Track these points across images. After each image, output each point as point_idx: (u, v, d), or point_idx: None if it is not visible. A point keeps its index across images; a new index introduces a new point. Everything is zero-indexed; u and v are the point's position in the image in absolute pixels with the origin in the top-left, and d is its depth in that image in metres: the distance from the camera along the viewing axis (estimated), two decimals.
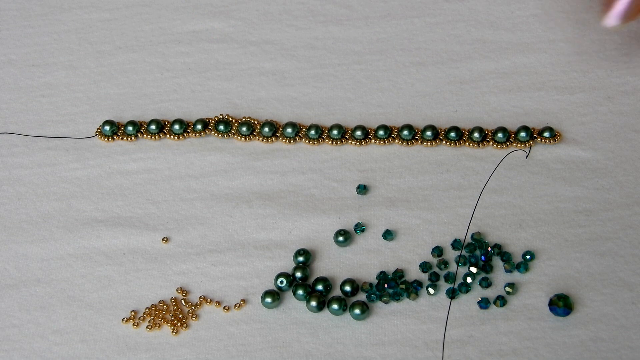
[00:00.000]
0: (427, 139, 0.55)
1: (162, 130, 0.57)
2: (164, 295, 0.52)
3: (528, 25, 0.60)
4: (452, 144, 0.55)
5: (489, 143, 0.55)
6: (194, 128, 0.56)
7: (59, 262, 0.53)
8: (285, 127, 0.56)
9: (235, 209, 0.54)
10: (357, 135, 0.56)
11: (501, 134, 0.55)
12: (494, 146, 0.55)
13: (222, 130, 0.56)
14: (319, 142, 0.56)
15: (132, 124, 0.57)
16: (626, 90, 0.57)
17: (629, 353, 0.48)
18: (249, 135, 0.56)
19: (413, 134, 0.56)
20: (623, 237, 0.52)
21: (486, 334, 0.49)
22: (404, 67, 0.59)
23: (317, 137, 0.56)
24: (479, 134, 0.55)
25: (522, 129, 0.55)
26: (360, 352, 0.49)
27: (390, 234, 0.52)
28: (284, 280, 0.51)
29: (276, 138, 0.56)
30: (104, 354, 0.50)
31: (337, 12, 0.62)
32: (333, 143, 0.56)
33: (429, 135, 0.55)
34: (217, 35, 0.61)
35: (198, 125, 0.56)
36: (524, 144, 0.55)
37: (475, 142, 0.55)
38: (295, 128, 0.56)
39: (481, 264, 0.51)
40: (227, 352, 0.50)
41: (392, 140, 0.56)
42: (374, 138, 0.56)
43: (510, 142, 0.55)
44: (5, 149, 0.57)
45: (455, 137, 0.55)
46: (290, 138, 0.56)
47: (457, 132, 0.55)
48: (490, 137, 0.56)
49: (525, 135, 0.55)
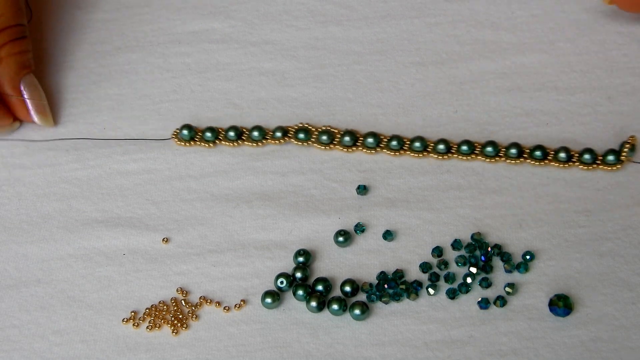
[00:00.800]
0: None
1: (240, 137, 0.56)
2: (164, 296, 0.52)
3: (528, 25, 0.60)
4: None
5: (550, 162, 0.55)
6: (274, 135, 0.56)
7: (59, 263, 0.53)
8: (366, 137, 0.55)
9: (236, 210, 0.54)
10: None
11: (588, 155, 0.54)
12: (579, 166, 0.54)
13: (302, 139, 0.56)
14: (400, 153, 0.55)
15: (210, 130, 0.56)
16: (626, 90, 0.57)
17: (629, 353, 0.48)
18: (329, 144, 0.56)
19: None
20: (623, 237, 0.52)
21: (486, 334, 0.49)
22: (404, 68, 0.59)
23: (398, 148, 0.55)
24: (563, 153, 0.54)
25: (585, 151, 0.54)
26: (360, 352, 0.49)
27: (390, 234, 0.52)
28: (284, 280, 0.51)
29: (356, 147, 0.56)
30: (104, 354, 0.50)
31: (337, 13, 0.62)
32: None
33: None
34: (217, 35, 0.61)
35: (278, 133, 0.56)
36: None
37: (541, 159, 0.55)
38: (376, 138, 0.55)
39: (481, 264, 0.51)
40: (227, 352, 0.50)
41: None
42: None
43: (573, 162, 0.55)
44: (6, 149, 0.57)
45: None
46: (372, 148, 0.55)
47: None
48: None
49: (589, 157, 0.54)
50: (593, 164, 0.54)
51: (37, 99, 0.56)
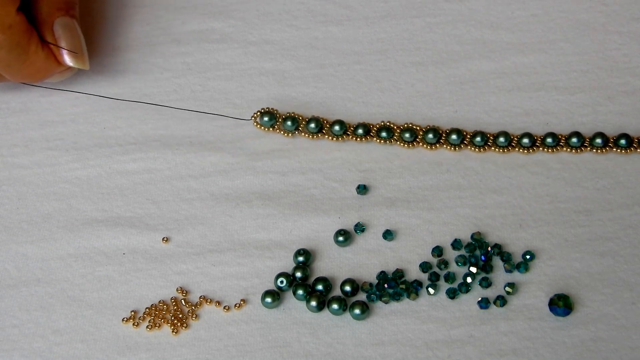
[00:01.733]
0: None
1: (321, 130, 0.56)
2: (164, 295, 0.52)
3: (528, 25, 0.60)
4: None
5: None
6: (355, 132, 0.56)
7: (59, 262, 0.53)
8: (449, 133, 0.55)
9: (236, 209, 0.54)
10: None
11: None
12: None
13: (385, 137, 0.56)
14: (461, 147, 0.55)
15: (291, 119, 0.56)
16: (626, 90, 0.57)
17: (629, 353, 0.48)
18: (412, 142, 0.56)
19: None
20: (623, 237, 0.52)
21: (486, 334, 0.49)
22: (404, 67, 0.59)
23: (459, 144, 0.56)
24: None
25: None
26: (360, 352, 0.49)
27: (390, 234, 0.52)
28: (284, 280, 0.51)
29: (440, 145, 0.56)
30: (104, 353, 0.50)
31: (337, 12, 0.62)
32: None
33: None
34: (217, 35, 0.61)
35: (360, 130, 0.56)
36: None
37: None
38: (460, 135, 0.55)
39: (481, 264, 0.51)
40: (227, 352, 0.50)
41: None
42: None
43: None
44: (6, 149, 0.57)
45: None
46: (455, 145, 0.55)
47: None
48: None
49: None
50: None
51: (71, 41, 0.54)
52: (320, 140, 0.56)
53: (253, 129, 0.57)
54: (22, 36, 0.52)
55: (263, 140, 0.57)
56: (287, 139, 0.57)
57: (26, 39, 0.53)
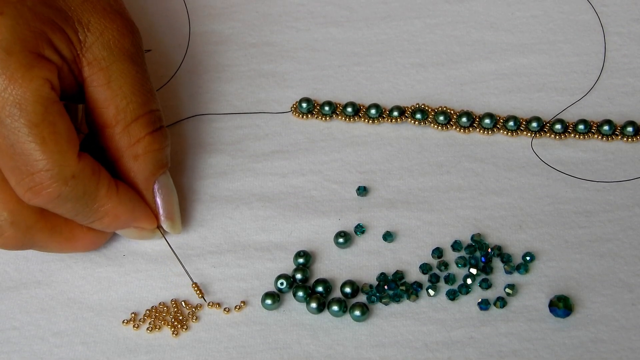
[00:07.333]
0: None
1: (357, 113, 0.57)
2: (164, 297, 0.52)
3: (528, 26, 0.60)
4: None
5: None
6: (390, 114, 0.57)
7: (59, 264, 0.53)
8: (483, 118, 0.56)
9: (235, 211, 0.54)
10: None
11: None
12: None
13: (419, 119, 0.56)
14: (494, 131, 0.56)
15: (329, 104, 0.57)
16: (626, 91, 0.57)
17: (629, 354, 0.48)
18: (446, 124, 0.56)
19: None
20: (623, 238, 0.52)
21: (486, 335, 0.49)
22: (404, 69, 0.59)
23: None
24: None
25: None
26: (360, 353, 0.49)
27: (390, 235, 0.52)
28: (284, 281, 0.51)
29: (473, 129, 0.56)
30: (105, 356, 0.50)
31: (337, 14, 0.62)
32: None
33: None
34: (216, 37, 0.61)
35: (395, 112, 0.57)
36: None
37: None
38: (493, 119, 0.56)
39: (481, 265, 0.51)
40: (228, 353, 0.50)
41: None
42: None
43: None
44: None
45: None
46: (489, 129, 0.56)
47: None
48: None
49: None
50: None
51: (168, 205, 0.50)
52: (326, 141, 0.56)
53: (252, 130, 0.57)
54: (89, 183, 0.46)
55: (263, 141, 0.57)
56: (325, 123, 0.57)
57: (94, 184, 0.47)
